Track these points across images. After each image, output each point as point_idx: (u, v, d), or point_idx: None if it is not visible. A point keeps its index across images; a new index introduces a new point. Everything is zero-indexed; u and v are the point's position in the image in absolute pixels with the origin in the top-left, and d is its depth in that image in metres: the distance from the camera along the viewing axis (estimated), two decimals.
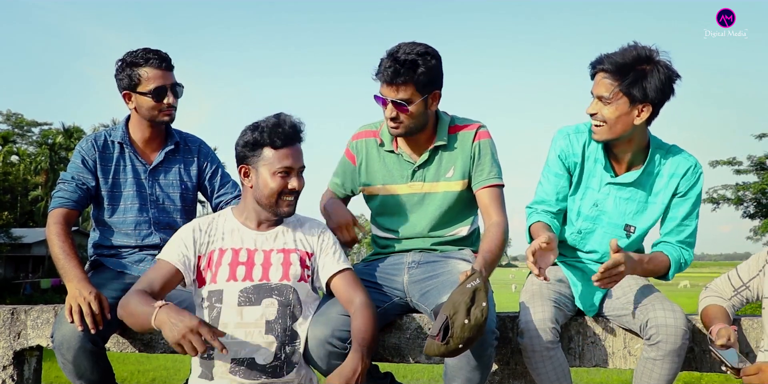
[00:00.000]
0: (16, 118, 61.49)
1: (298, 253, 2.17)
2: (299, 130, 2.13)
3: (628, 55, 2.15)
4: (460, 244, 2.49)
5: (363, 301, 2.10)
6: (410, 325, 2.40)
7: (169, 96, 2.54)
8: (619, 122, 2.20)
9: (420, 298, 2.30)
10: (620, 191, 2.33)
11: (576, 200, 2.39)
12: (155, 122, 2.58)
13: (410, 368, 8.55)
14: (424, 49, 2.26)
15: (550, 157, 2.41)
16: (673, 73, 2.16)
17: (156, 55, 2.53)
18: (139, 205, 2.58)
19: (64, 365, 2.19)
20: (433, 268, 2.36)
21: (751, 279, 2.26)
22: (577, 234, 2.38)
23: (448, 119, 2.45)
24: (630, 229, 2.35)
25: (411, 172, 2.43)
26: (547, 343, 2.12)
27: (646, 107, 2.17)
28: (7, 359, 2.59)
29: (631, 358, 2.34)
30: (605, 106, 2.19)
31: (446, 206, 2.42)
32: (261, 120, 2.15)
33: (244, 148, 2.12)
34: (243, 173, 2.16)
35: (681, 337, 2.06)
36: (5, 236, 35.00)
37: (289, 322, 2.08)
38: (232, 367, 2.03)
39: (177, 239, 2.16)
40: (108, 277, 2.46)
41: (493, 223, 2.32)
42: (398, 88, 2.24)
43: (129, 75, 2.52)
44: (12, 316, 2.60)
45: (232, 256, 2.12)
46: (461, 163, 2.41)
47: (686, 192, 2.31)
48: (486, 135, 2.43)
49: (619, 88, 2.15)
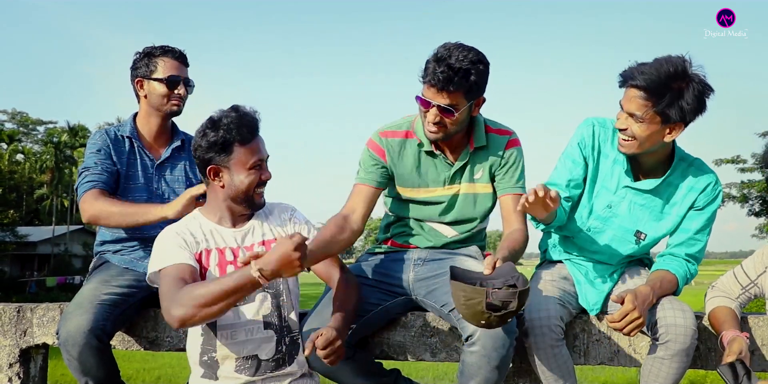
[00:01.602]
0: (21, 116, 61.67)
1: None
2: (258, 119, 2.11)
3: (662, 71, 2.04)
4: (468, 241, 2.49)
5: (342, 276, 2.17)
6: (415, 322, 2.41)
7: (181, 87, 2.62)
8: (649, 140, 2.15)
9: (427, 295, 2.29)
10: (636, 197, 2.30)
11: (590, 198, 2.36)
12: (163, 112, 2.62)
13: (415, 366, 8.55)
14: (476, 56, 2.17)
15: (570, 144, 2.38)
16: (707, 88, 2.08)
17: (174, 49, 2.65)
18: (146, 199, 2.59)
19: (69, 362, 2.19)
20: (440, 265, 2.36)
21: (758, 275, 2.25)
22: (587, 232, 2.37)
23: (482, 119, 2.40)
24: (641, 235, 2.32)
25: (450, 175, 2.38)
26: (551, 340, 2.11)
27: (678, 126, 2.12)
28: (14, 357, 2.60)
29: (636, 356, 2.33)
30: (636, 123, 2.12)
31: (473, 207, 2.41)
32: (216, 116, 2.07)
33: (211, 149, 2.03)
34: (213, 174, 2.07)
35: (690, 337, 2.06)
36: (11, 234, 35.18)
37: (284, 314, 2.10)
38: (238, 365, 2.04)
39: (166, 246, 2.03)
40: (113, 273, 2.46)
41: (515, 229, 2.31)
42: (448, 94, 2.16)
43: (146, 63, 2.61)
44: (18, 314, 2.61)
45: (219, 256, 2.09)
46: (488, 167, 2.39)
47: (704, 207, 2.28)
48: (516, 143, 2.41)
49: (654, 111, 2.07)
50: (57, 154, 49.76)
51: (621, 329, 2.04)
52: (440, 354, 2.39)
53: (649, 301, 2.09)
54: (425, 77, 2.18)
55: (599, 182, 2.35)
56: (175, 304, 1.81)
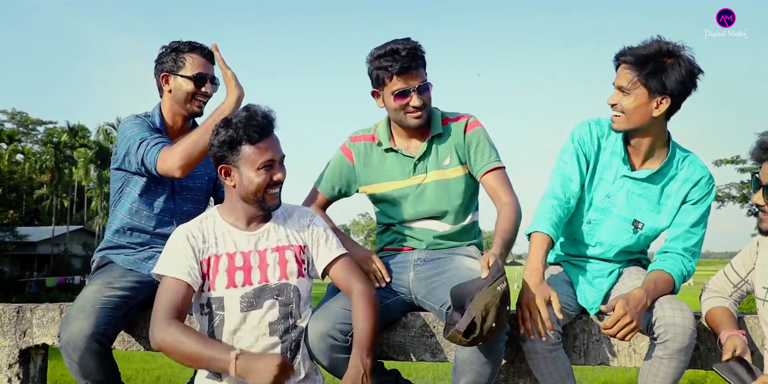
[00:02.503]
0: (21, 116, 61.65)
1: (293, 248, 2.14)
2: (272, 119, 2.08)
3: (650, 48, 2.17)
4: (462, 237, 2.50)
5: (361, 290, 2.10)
6: (415, 323, 2.41)
7: (208, 85, 2.60)
8: (637, 113, 2.20)
9: (426, 294, 2.30)
10: (634, 186, 2.34)
11: (590, 191, 2.39)
12: (185, 111, 2.61)
13: (415, 366, 8.55)
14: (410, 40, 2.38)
15: (566, 144, 2.40)
16: (695, 68, 2.17)
17: (202, 46, 2.61)
18: (168, 194, 2.60)
19: (70, 365, 2.19)
20: (439, 264, 2.37)
21: (748, 273, 2.26)
22: (587, 224, 2.39)
23: (440, 113, 2.53)
24: (638, 224, 2.35)
25: (412, 166, 2.47)
26: (547, 344, 2.12)
27: (665, 99, 2.18)
28: (13, 357, 2.60)
29: (636, 356, 2.34)
30: (625, 96, 2.21)
31: (449, 193, 2.45)
32: (230, 115, 2.10)
33: (221, 148, 2.04)
34: (224, 173, 2.08)
35: (689, 337, 2.06)
36: (11, 235, 35.18)
37: (291, 321, 2.08)
38: None
39: (175, 250, 2.07)
40: (116, 274, 2.44)
41: (503, 203, 2.35)
42: (417, 73, 2.36)
43: (174, 58, 2.57)
44: (18, 315, 2.61)
45: (228, 261, 2.08)
46: (455, 151, 2.46)
47: (697, 201, 2.32)
48: (477, 124, 2.50)
49: (638, 78, 2.16)
50: (57, 154, 49.76)
51: (615, 335, 2.06)
52: (440, 354, 2.39)
53: (643, 305, 2.09)
54: (389, 72, 2.33)
55: (598, 174, 2.38)
56: (160, 332, 1.93)
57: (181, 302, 1.99)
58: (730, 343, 2.04)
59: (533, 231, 2.24)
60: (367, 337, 2.02)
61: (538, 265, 2.14)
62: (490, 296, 1.91)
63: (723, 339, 2.09)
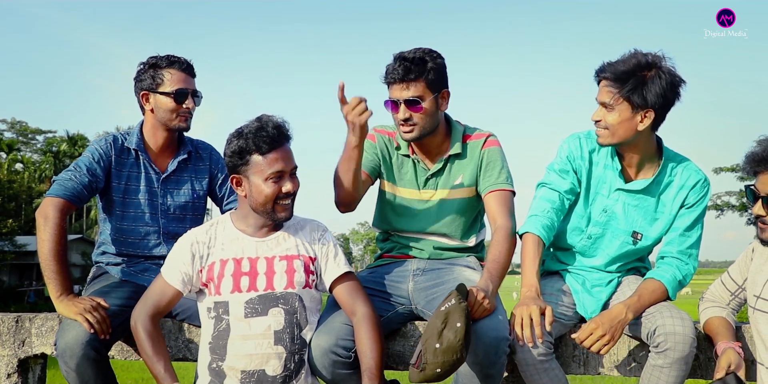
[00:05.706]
0: (21, 125, 61.68)
1: (302, 258, 2.14)
2: (284, 129, 2.07)
3: (629, 63, 2.16)
4: (465, 251, 2.50)
5: (365, 313, 2.08)
6: (414, 333, 2.40)
7: (190, 100, 2.51)
8: (621, 128, 2.20)
9: (426, 305, 2.30)
10: (629, 198, 2.34)
11: (586, 206, 2.39)
12: (170, 127, 2.54)
13: None
14: (429, 49, 2.29)
15: (558, 157, 2.41)
16: (676, 78, 2.17)
17: (180, 59, 2.53)
18: (149, 215, 2.55)
19: (67, 373, 2.18)
20: (438, 275, 2.37)
21: (744, 280, 2.26)
22: (587, 239, 2.39)
23: (462, 129, 2.45)
24: (637, 236, 2.35)
25: (425, 180, 2.43)
26: (539, 356, 2.11)
27: (648, 113, 2.18)
28: (12, 367, 2.59)
29: (635, 366, 2.33)
30: (608, 112, 2.20)
31: (453, 214, 2.42)
32: (244, 125, 2.09)
33: (232, 157, 2.06)
34: (235, 183, 2.10)
35: (689, 346, 2.06)
36: (9, 244, 35.05)
37: (296, 331, 2.07)
38: (243, 378, 2.02)
39: (177, 254, 2.14)
40: (112, 285, 2.45)
41: (498, 226, 2.29)
42: (409, 85, 2.24)
43: (152, 76, 2.49)
44: (16, 324, 2.60)
45: (234, 266, 2.08)
46: (469, 171, 2.41)
47: (693, 204, 2.33)
48: (494, 143, 2.43)
49: (620, 95, 2.16)
50: (56, 163, 49.77)
51: (588, 347, 2.07)
52: None
53: (622, 319, 2.10)
54: (386, 77, 2.27)
55: (593, 189, 2.38)
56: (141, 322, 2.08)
57: (165, 304, 2.12)
58: (724, 360, 2.04)
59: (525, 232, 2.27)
60: (376, 365, 2.02)
61: (533, 281, 2.15)
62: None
63: (719, 352, 2.09)
